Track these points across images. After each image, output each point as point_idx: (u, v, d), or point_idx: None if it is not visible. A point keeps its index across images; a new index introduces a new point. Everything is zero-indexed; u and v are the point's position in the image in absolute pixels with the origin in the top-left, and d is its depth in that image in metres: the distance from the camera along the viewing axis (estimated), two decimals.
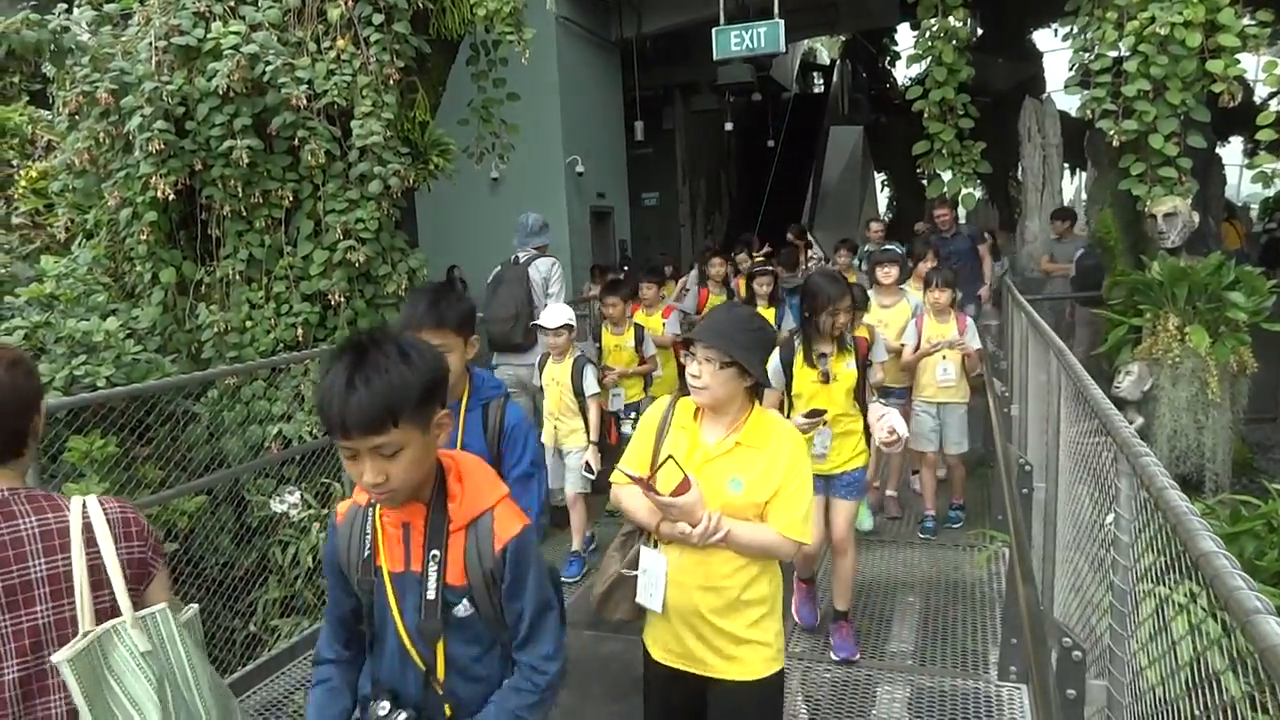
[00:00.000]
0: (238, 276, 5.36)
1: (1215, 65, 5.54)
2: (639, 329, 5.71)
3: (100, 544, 1.59)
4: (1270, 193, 14.90)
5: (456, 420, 2.24)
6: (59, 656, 1.50)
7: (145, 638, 1.60)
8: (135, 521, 1.67)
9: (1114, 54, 5.85)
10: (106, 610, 1.60)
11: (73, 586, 1.56)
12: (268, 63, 5.10)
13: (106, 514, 1.63)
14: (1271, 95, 5.97)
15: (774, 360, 3.63)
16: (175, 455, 4.57)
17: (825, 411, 3.69)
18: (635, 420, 5.02)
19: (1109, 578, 2.15)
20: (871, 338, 4.50)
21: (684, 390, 2.27)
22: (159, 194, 5.06)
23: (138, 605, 1.63)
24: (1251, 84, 6.45)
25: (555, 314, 4.85)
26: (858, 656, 3.82)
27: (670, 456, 2.11)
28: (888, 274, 5.39)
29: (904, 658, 3.88)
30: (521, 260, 6.17)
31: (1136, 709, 2.00)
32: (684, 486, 2.04)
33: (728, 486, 2.14)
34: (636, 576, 2.23)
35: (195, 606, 1.79)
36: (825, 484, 3.79)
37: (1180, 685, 1.91)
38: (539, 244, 6.22)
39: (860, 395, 3.85)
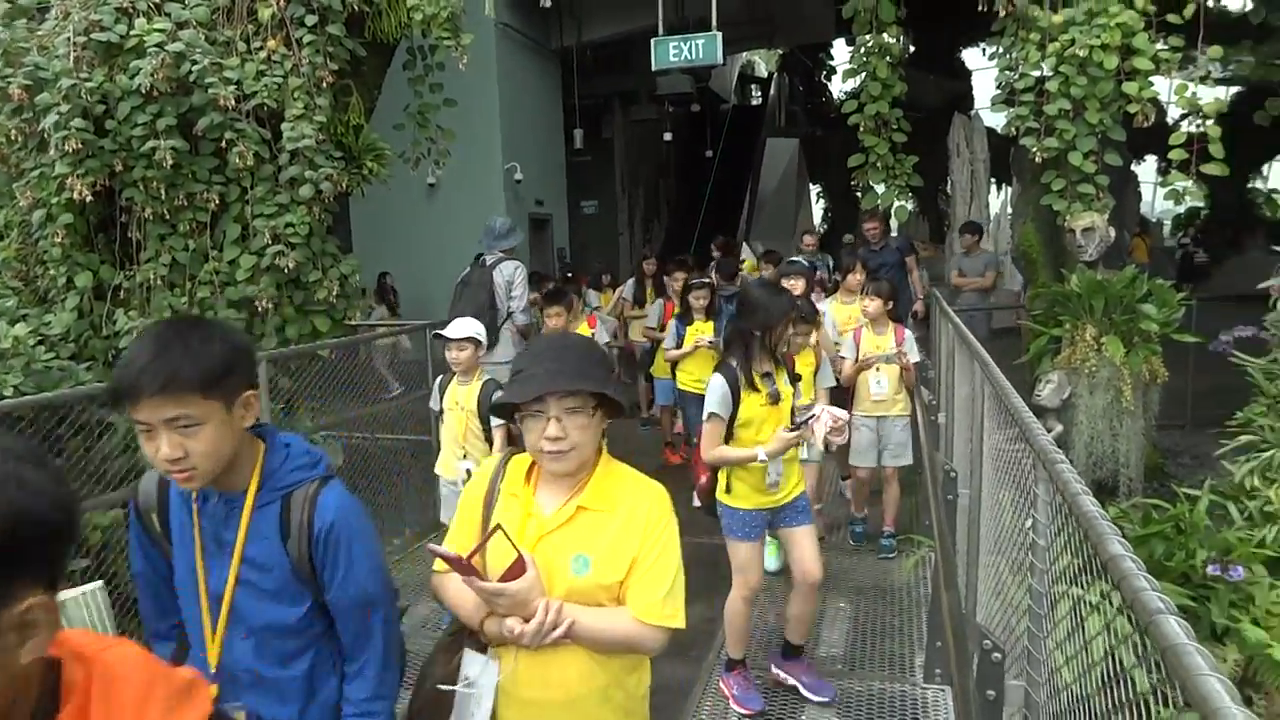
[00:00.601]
0: (159, 281, 5.20)
1: (1130, 87, 5.79)
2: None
3: None
4: (1182, 209, 15.66)
5: (236, 522, 1.62)
6: None
7: None
8: None
9: (1036, 74, 6.07)
10: None
11: None
12: (194, 62, 4.96)
13: None
14: (1183, 116, 6.25)
15: (720, 385, 3.28)
16: (89, 467, 4.39)
17: (812, 410, 3.46)
18: None
19: (1028, 580, 2.23)
20: (817, 359, 4.43)
21: (518, 448, 1.82)
22: (75, 195, 4.88)
23: None
24: (1165, 105, 6.75)
25: (462, 325, 4.17)
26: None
27: (498, 526, 1.64)
28: (792, 287, 4.92)
29: (834, 662, 3.93)
30: (488, 263, 6.28)
31: (1052, 707, 2.07)
32: (517, 569, 1.60)
33: (570, 566, 1.68)
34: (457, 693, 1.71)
35: (93, 586, 1.79)
36: (772, 517, 3.47)
37: (1094, 682, 1.98)
38: (505, 247, 6.31)
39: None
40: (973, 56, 17.22)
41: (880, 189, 8.01)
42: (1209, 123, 5.86)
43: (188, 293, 5.23)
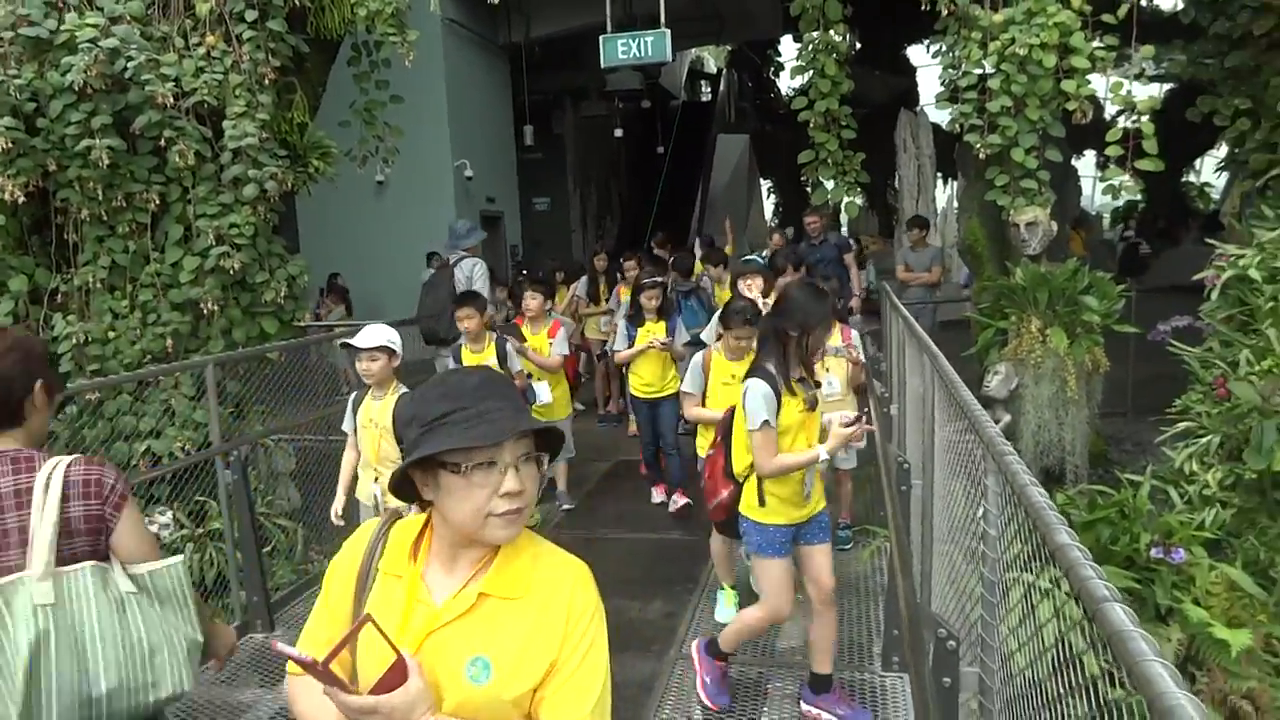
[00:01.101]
0: (99, 284, 5.05)
1: (1069, 85, 5.94)
2: (501, 344, 4.91)
3: (47, 502, 1.76)
4: (1120, 203, 16.13)
5: None
6: None
7: (52, 591, 1.72)
8: (96, 481, 1.82)
9: (979, 71, 6.20)
10: (68, 559, 1.76)
11: (30, 539, 1.74)
12: (129, 58, 4.82)
13: (69, 475, 1.79)
14: (1119, 113, 6.44)
15: (764, 389, 3.01)
16: None
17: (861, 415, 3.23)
18: None
19: (980, 569, 2.28)
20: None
21: (418, 504, 1.37)
22: (7, 196, 4.72)
23: (100, 556, 1.81)
24: (1102, 102, 6.93)
25: (372, 332, 3.64)
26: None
27: (368, 617, 1.22)
28: (750, 287, 4.71)
29: (794, 653, 3.97)
30: (451, 262, 6.70)
31: (1006, 692, 2.12)
32: (395, 676, 1.20)
33: (466, 671, 1.27)
34: None
35: (176, 560, 1.90)
36: (796, 532, 3.22)
37: (1047, 666, 2.04)
38: (467, 245, 6.71)
39: None
40: (917, 53, 17.53)
41: (830, 185, 8.09)
42: (1143, 119, 6.04)
43: (128, 295, 5.09)
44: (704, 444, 4.01)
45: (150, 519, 4.78)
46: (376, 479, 3.73)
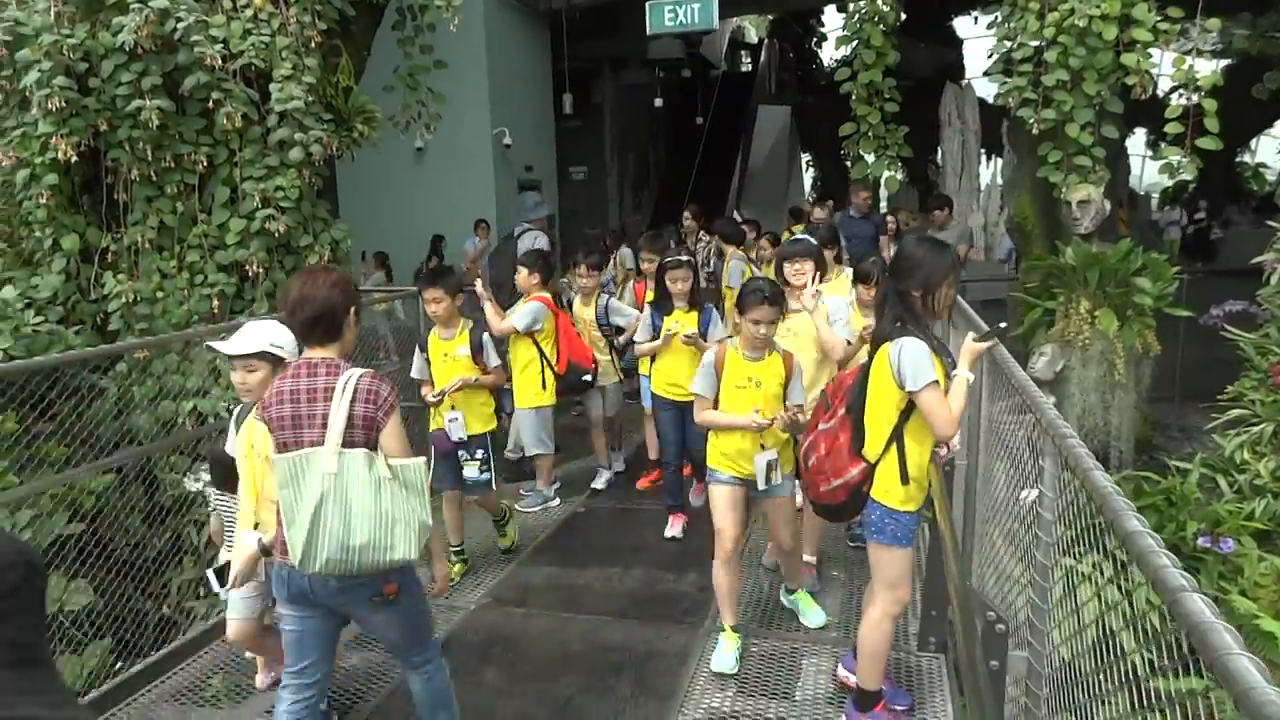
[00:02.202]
0: (147, 244, 5.12)
1: (1129, 58, 5.76)
2: (477, 334, 4.37)
3: (342, 400, 2.33)
4: (1171, 183, 15.70)
5: None
6: (273, 456, 2.37)
7: (336, 464, 2.29)
8: (375, 391, 2.37)
9: (1035, 43, 6.03)
10: (349, 444, 2.33)
11: (328, 424, 2.33)
12: (179, 19, 4.84)
13: (359, 383, 2.36)
14: (1172, 89, 6.24)
15: (923, 348, 2.70)
16: (80, 432, 4.34)
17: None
18: (482, 463, 4.37)
19: (1030, 553, 2.24)
20: (788, 370, 3.43)
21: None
22: (60, 155, 4.78)
23: (370, 447, 2.35)
24: (1155, 77, 6.73)
25: (250, 334, 2.87)
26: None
27: None
28: (800, 272, 3.95)
29: (828, 630, 3.96)
30: (515, 234, 7.03)
31: (1057, 679, 2.09)
32: None
33: None
34: None
35: (420, 460, 2.43)
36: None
37: (1098, 656, 2.01)
38: (533, 218, 7.02)
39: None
40: (965, 24, 17.10)
41: (870, 159, 7.96)
42: (1204, 96, 5.85)
43: (176, 256, 5.15)
44: (715, 451, 3.50)
45: (195, 477, 4.88)
46: (257, 524, 2.80)
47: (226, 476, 3.13)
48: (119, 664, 4.10)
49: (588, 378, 5.28)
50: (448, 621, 4.03)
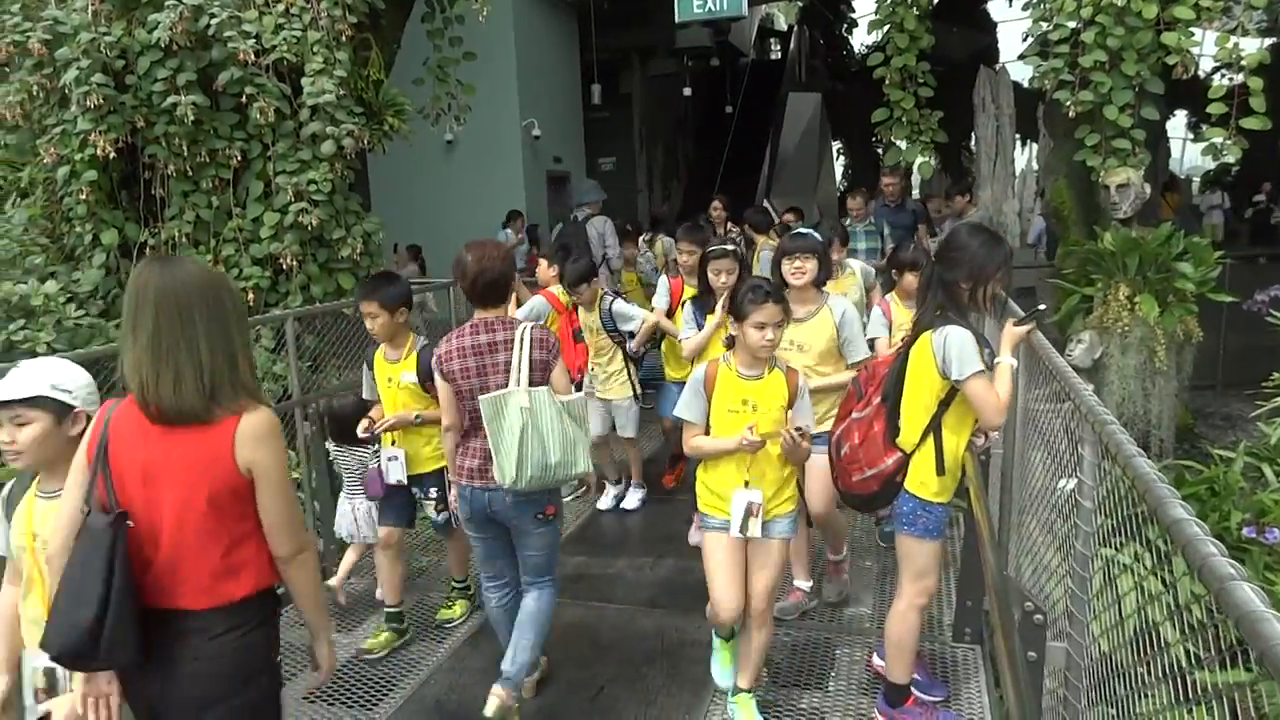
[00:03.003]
0: (184, 239, 5.19)
1: (1170, 37, 5.62)
2: (425, 358, 3.47)
3: (522, 348, 2.90)
4: (1213, 166, 15.31)
5: None
6: (481, 399, 2.87)
7: (528, 399, 2.84)
8: (545, 339, 2.96)
9: (1072, 24, 5.90)
10: (531, 383, 2.89)
11: (510, 370, 2.90)
12: (212, 15, 4.89)
13: (532, 334, 2.93)
14: (1215, 69, 6.07)
15: (969, 337, 2.63)
16: None
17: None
18: (438, 502, 3.69)
19: (1069, 543, 2.20)
20: (792, 390, 2.89)
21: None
22: (99, 151, 4.86)
23: (545, 383, 2.91)
24: (1197, 57, 6.56)
25: (20, 378, 2.04)
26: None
27: None
28: (799, 271, 3.52)
29: (862, 620, 3.94)
30: (580, 219, 7.29)
31: (1098, 670, 2.06)
32: None
33: None
34: None
35: (580, 395, 3.08)
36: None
37: (1124, 638, 1.97)
38: (588, 200, 7.33)
39: None
40: (999, 8, 16.84)
41: (903, 145, 7.85)
42: (1249, 74, 5.69)
43: (212, 250, 5.22)
44: (704, 491, 2.96)
45: None
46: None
47: (342, 431, 4.01)
48: None
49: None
50: (479, 612, 4.06)
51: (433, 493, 3.70)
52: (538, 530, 3.04)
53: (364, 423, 3.63)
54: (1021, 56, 6.55)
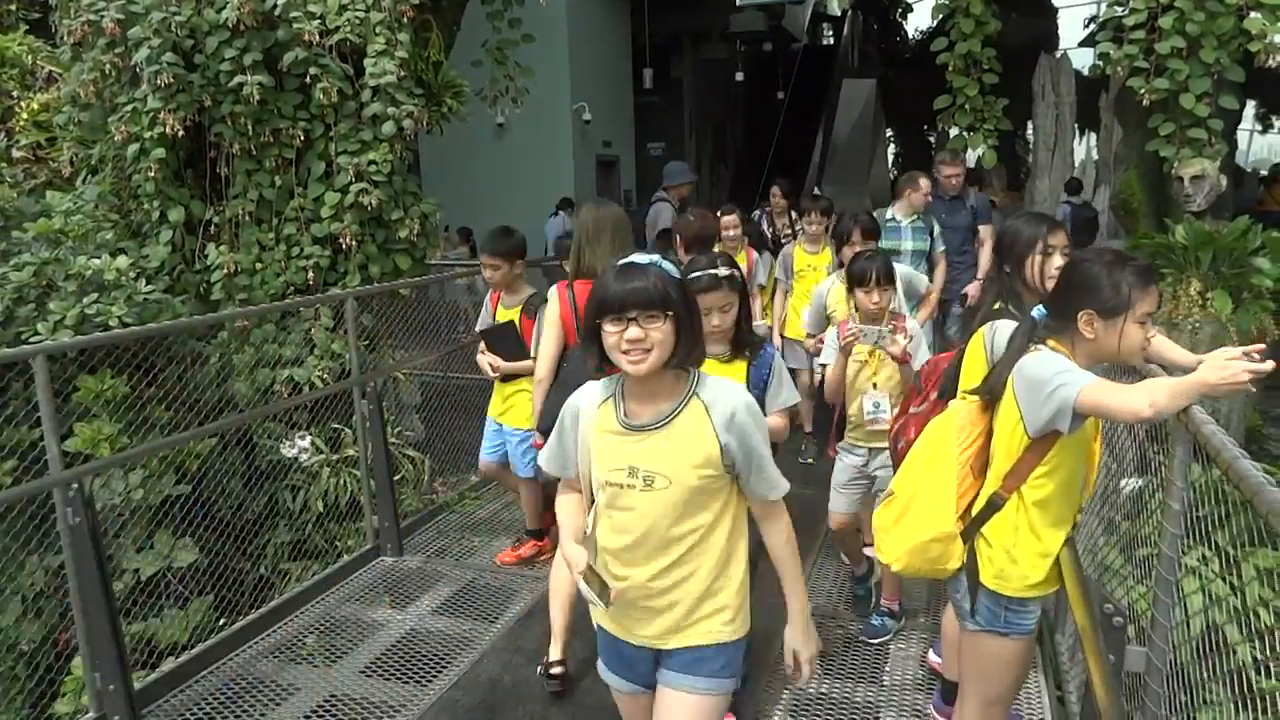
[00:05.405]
0: (247, 217, 5.27)
1: (1253, 23, 5.40)
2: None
3: None
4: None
5: None
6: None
7: None
8: None
9: (1149, 8, 5.70)
10: None
11: None
12: None
13: None
14: None
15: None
16: (184, 396, 4.52)
17: None
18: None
19: (1134, 546, 2.14)
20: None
21: None
22: (167, 130, 4.94)
23: None
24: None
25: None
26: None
27: None
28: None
29: (916, 615, 3.89)
30: (652, 201, 6.94)
31: (1185, 675, 2.00)
32: None
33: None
34: None
35: None
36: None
37: (1185, 637, 1.90)
38: (670, 183, 6.79)
39: None
40: None
41: (966, 133, 7.68)
42: None
43: (274, 228, 5.30)
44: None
45: (290, 444, 5.04)
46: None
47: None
48: (221, 620, 4.28)
49: None
50: (531, 592, 4.07)
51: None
52: None
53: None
54: (1091, 42, 6.36)
